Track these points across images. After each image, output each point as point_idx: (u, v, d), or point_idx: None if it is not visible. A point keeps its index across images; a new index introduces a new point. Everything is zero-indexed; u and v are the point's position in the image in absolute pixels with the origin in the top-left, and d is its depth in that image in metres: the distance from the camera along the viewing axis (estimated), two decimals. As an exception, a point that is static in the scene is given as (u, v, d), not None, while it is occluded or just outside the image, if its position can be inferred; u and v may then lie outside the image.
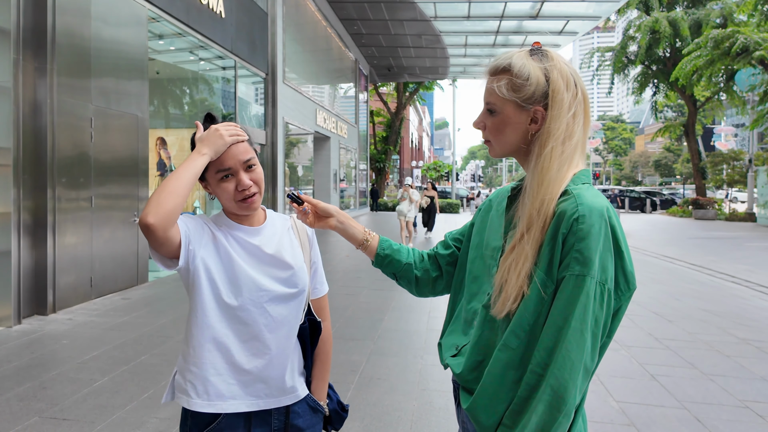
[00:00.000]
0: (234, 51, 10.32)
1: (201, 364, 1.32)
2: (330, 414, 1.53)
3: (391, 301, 6.38)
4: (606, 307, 1.01)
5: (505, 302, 1.07)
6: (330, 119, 18.23)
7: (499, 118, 1.15)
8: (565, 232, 1.02)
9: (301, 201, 1.38)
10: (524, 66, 1.10)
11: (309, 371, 1.50)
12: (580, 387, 0.99)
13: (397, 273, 1.40)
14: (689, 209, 25.53)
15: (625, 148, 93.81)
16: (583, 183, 1.10)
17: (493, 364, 1.08)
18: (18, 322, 5.16)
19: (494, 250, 1.19)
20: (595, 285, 0.99)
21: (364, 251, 1.40)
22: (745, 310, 6.29)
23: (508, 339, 1.06)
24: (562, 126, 1.08)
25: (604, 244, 1.00)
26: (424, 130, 70.45)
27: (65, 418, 3.10)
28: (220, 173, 1.31)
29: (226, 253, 1.33)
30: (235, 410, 1.33)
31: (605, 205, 1.03)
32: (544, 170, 1.08)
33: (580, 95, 1.11)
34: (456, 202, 28.25)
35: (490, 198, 1.35)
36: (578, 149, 1.12)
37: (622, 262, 1.03)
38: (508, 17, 17.15)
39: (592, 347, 1.00)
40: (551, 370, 0.99)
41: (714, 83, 23.83)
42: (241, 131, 1.34)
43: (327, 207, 1.39)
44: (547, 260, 1.03)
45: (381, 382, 3.76)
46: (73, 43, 5.83)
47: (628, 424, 3.14)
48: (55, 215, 5.55)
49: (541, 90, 1.09)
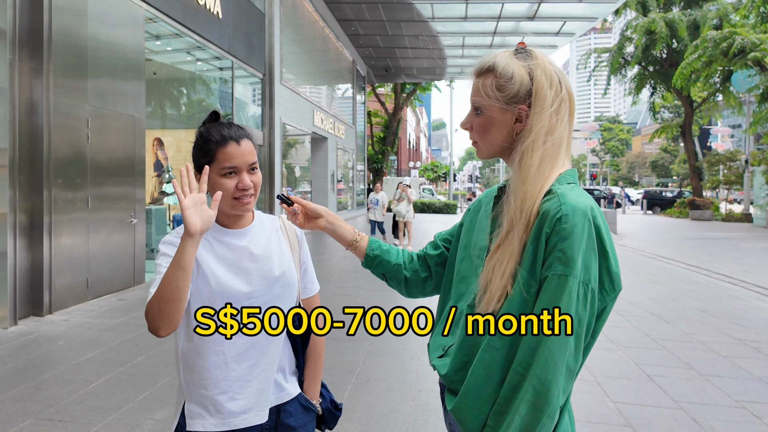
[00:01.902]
0: (231, 51, 10.31)
1: (206, 386, 1.32)
2: (323, 413, 1.53)
3: (388, 301, 6.38)
4: (589, 306, 1.00)
5: (489, 301, 1.07)
6: (327, 120, 18.22)
7: (485, 118, 1.15)
8: (548, 231, 1.02)
9: (291, 202, 1.39)
10: (508, 65, 1.11)
11: (301, 371, 1.50)
12: (563, 387, 0.99)
13: (387, 274, 1.40)
14: (686, 210, 25.61)
15: (622, 148, 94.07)
16: (569, 183, 1.10)
17: (477, 365, 1.08)
18: (14, 323, 5.14)
19: (481, 250, 1.18)
20: (577, 285, 0.99)
21: (354, 252, 1.40)
22: (741, 311, 6.31)
23: (493, 339, 1.06)
24: (544, 121, 1.09)
25: (588, 243, 1.00)
26: (421, 130, 70.49)
27: (61, 419, 3.09)
28: (225, 169, 1.31)
29: (209, 269, 1.31)
30: (248, 425, 1.34)
31: (589, 205, 1.02)
32: (525, 166, 1.08)
33: (564, 93, 1.11)
34: (453, 203, 28.26)
35: (480, 198, 1.35)
36: (562, 148, 1.12)
37: (606, 262, 1.02)
38: (506, 18, 17.17)
39: (575, 347, 1.00)
40: (533, 371, 0.99)
41: (710, 84, 23.91)
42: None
43: (316, 208, 1.39)
44: (530, 260, 1.03)
45: (378, 383, 3.75)
46: (69, 44, 5.81)
47: (624, 425, 3.15)
48: (51, 216, 5.53)
49: (525, 89, 1.10)
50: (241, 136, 1.33)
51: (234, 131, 1.34)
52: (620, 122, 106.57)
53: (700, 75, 21.06)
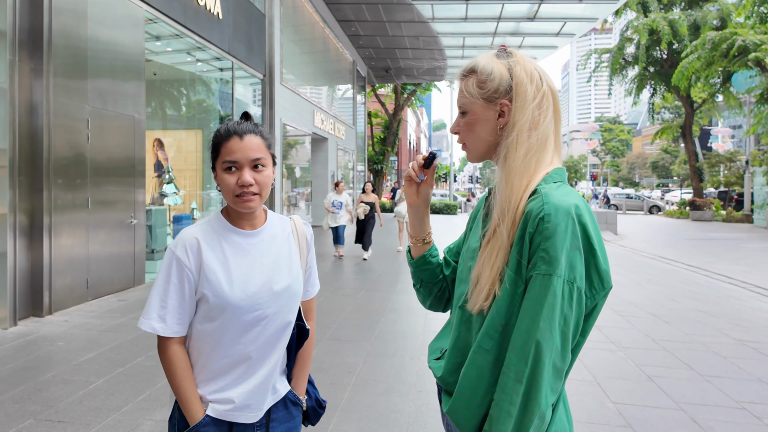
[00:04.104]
0: (231, 52, 10.31)
1: (206, 382, 1.35)
2: (307, 409, 1.54)
3: (387, 302, 6.38)
4: (576, 305, 1.00)
5: (478, 295, 1.07)
6: (328, 120, 18.22)
7: (470, 117, 1.17)
8: (531, 231, 1.02)
9: (429, 165, 1.28)
10: (488, 64, 1.14)
11: (290, 370, 1.51)
12: (551, 386, 0.99)
13: (425, 281, 1.39)
14: (686, 210, 25.60)
15: (623, 149, 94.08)
16: (556, 182, 1.10)
17: (469, 367, 1.08)
18: (14, 323, 5.14)
19: (474, 251, 1.19)
20: (562, 284, 0.99)
21: (416, 245, 1.38)
22: (741, 312, 6.31)
23: (483, 341, 1.07)
24: (526, 116, 1.10)
25: (572, 242, 1.00)
26: (421, 131, 70.50)
27: (60, 420, 3.09)
28: (225, 163, 1.31)
29: (215, 278, 1.32)
30: (246, 421, 1.36)
31: (573, 203, 1.02)
32: (509, 159, 1.09)
33: (546, 88, 1.13)
34: (454, 203, 28.24)
35: (477, 205, 1.36)
36: (549, 144, 1.12)
37: (595, 260, 1.02)
38: (506, 19, 17.17)
39: (562, 346, 1.00)
40: (521, 371, 0.99)
41: (711, 85, 23.90)
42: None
43: (429, 192, 1.35)
44: (516, 260, 1.04)
45: (377, 384, 3.75)
46: (69, 45, 5.82)
47: (624, 426, 3.14)
48: (51, 217, 5.53)
49: (505, 84, 1.12)
50: (246, 131, 1.31)
51: (241, 126, 1.32)
52: (621, 123, 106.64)
53: (701, 76, 21.06)
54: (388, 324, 5.40)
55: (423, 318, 5.64)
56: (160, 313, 1.30)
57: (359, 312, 5.91)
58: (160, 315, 1.30)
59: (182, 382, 1.31)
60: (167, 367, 1.32)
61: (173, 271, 1.31)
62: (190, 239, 1.33)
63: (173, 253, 1.32)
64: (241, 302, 1.31)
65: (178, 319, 1.31)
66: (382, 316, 5.69)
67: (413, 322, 5.48)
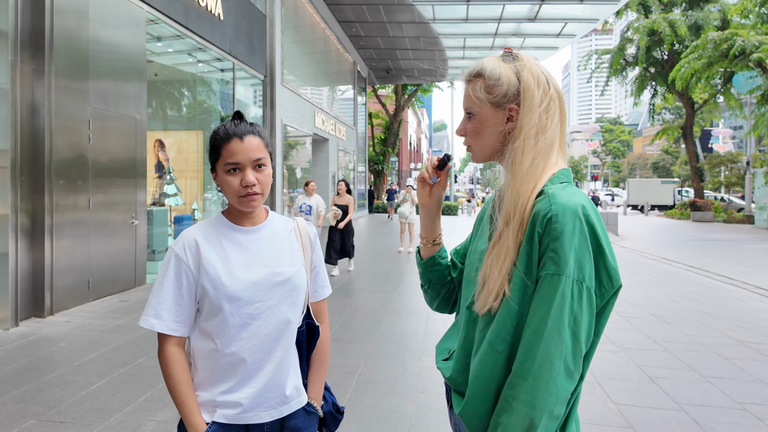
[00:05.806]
0: (232, 53, 10.32)
1: (213, 383, 1.34)
2: (324, 416, 1.52)
3: (389, 303, 6.38)
4: (586, 304, 1.00)
5: (486, 297, 1.08)
6: (328, 121, 18.23)
7: (477, 121, 1.17)
8: (540, 231, 1.03)
9: (443, 167, 1.29)
10: (495, 68, 1.14)
11: (305, 375, 1.49)
12: (562, 386, 0.99)
13: (434, 282, 1.39)
14: (687, 211, 25.58)
15: (623, 150, 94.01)
16: (562, 182, 1.10)
17: (481, 368, 1.08)
18: (15, 324, 5.14)
19: (481, 253, 1.19)
20: (571, 284, 0.99)
21: (426, 246, 1.38)
22: (743, 313, 6.30)
23: (495, 342, 1.07)
24: (533, 120, 1.10)
25: (580, 242, 1.00)
26: (422, 132, 70.49)
27: (62, 420, 3.09)
28: (228, 165, 1.31)
29: (215, 272, 1.32)
30: (259, 421, 1.35)
31: (580, 203, 1.03)
32: (516, 163, 1.10)
33: (553, 91, 1.13)
34: (455, 204, 28.22)
35: (484, 207, 1.36)
36: (555, 146, 1.13)
37: (603, 259, 1.03)
38: (507, 20, 17.18)
39: (573, 346, 1.00)
40: (530, 370, 0.99)
41: (711, 86, 23.88)
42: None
43: (441, 194, 1.36)
44: (525, 261, 1.04)
45: (379, 385, 3.75)
46: (71, 45, 5.82)
47: (626, 427, 3.14)
48: (52, 217, 5.54)
49: (513, 89, 1.12)
50: (245, 133, 1.32)
51: (240, 127, 1.33)
52: (621, 123, 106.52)
53: (701, 76, 21.05)
54: (390, 325, 5.40)
55: (424, 319, 5.64)
56: (156, 309, 1.31)
57: (361, 313, 5.91)
58: (156, 311, 1.31)
59: (178, 386, 1.30)
60: (164, 368, 1.32)
61: (171, 268, 1.33)
62: (189, 238, 1.35)
63: (173, 251, 1.35)
64: (241, 293, 1.31)
65: (175, 316, 1.31)
66: (383, 317, 5.69)
67: (415, 323, 5.48)
